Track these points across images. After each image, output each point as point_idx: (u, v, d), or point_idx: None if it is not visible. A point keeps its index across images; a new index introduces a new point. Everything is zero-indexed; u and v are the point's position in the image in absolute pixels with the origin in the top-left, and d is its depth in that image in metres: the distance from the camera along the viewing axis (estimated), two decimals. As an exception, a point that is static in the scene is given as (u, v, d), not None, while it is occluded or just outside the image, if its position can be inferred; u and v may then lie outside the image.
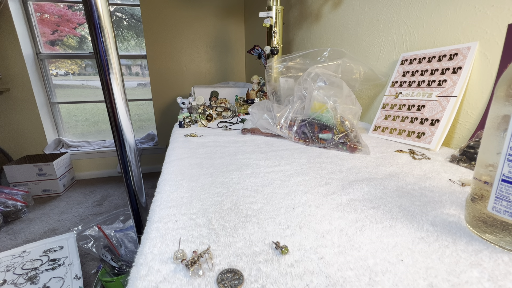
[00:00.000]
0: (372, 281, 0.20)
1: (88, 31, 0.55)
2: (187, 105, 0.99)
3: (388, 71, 0.73)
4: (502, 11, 0.47)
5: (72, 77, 2.19)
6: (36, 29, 1.95)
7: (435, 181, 0.39)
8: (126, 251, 0.95)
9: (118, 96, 0.60)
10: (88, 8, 0.53)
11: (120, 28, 2.19)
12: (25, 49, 1.86)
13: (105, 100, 0.60)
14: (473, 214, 0.26)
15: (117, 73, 0.59)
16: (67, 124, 2.24)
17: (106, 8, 0.54)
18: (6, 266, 1.06)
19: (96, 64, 0.57)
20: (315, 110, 0.58)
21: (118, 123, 0.62)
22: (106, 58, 0.56)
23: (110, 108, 0.61)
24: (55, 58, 2.07)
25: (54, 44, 2.06)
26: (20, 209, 1.55)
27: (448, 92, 0.54)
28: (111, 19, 0.56)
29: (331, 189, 0.36)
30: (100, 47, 0.55)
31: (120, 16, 2.19)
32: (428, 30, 0.62)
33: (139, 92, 2.37)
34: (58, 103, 2.14)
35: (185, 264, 0.22)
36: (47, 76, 2.05)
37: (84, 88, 2.24)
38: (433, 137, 0.53)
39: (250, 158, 0.50)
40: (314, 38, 1.10)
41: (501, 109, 0.23)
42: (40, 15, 1.97)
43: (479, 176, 0.26)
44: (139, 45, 2.24)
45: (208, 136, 0.69)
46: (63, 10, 2.03)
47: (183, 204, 0.32)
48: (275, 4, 0.98)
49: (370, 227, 0.27)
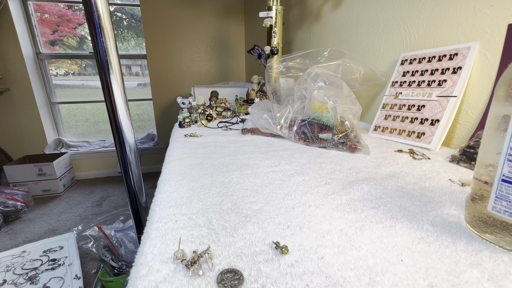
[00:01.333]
0: (372, 281, 0.20)
1: (88, 31, 0.55)
2: (187, 105, 0.99)
3: (388, 71, 0.73)
4: (502, 11, 0.47)
5: (72, 77, 2.19)
6: (36, 29, 1.95)
7: (435, 181, 0.39)
8: (126, 251, 0.95)
9: (118, 96, 0.60)
10: (88, 8, 0.52)
11: (120, 28, 2.19)
12: (25, 49, 1.86)
13: (105, 100, 0.60)
14: (473, 214, 0.26)
15: (117, 73, 0.59)
16: (67, 124, 2.24)
17: (106, 8, 0.54)
18: (6, 266, 1.06)
19: (96, 64, 0.57)
20: (315, 110, 0.58)
21: (118, 123, 0.62)
22: (106, 58, 0.56)
23: (110, 108, 0.61)
24: (55, 58, 2.07)
25: (54, 44, 2.06)
26: (20, 209, 1.55)
27: (448, 92, 0.54)
28: (111, 19, 0.56)
29: (331, 189, 0.36)
30: (100, 47, 0.55)
31: (120, 16, 2.19)
32: (428, 30, 0.62)
33: (139, 92, 2.37)
34: (58, 103, 2.14)
35: (185, 264, 0.22)
36: (47, 76, 2.05)
37: (84, 88, 2.24)
38: (433, 137, 0.53)
39: (250, 158, 0.50)
40: (314, 38, 1.10)
41: (501, 109, 0.23)
42: (40, 15, 1.97)
43: (479, 176, 0.26)
44: (139, 45, 2.24)
45: (208, 136, 0.69)
46: (63, 10, 2.03)
47: (183, 204, 0.32)
48: (275, 4, 0.98)
49: (370, 227, 0.27)
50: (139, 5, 2.02)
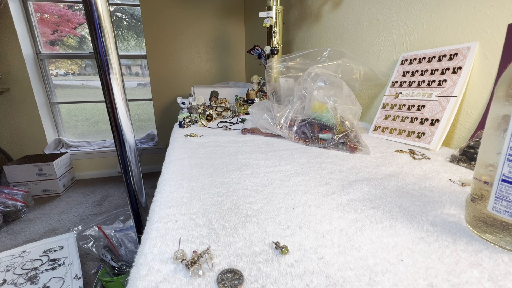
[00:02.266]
0: (372, 281, 0.20)
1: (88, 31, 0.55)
2: (187, 105, 0.99)
3: (388, 71, 0.73)
4: (502, 11, 0.47)
5: (72, 77, 2.19)
6: (36, 29, 1.95)
7: (435, 181, 0.39)
8: (126, 251, 0.95)
9: (118, 96, 0.60)
10: (88, 8, 0.52)
11: (120, 28, 2.19)
12: (25, 49, 1.86)
13: (105, 100, 0.60)
14: (473, 214, 0.26)
15: (117, 73, 0.59)
16: (67, 124, 2.24)
17: (106, 8, 0.54)
18: (6, 266, 1.06)
19: (96, 64, 0.57)
20: (315, 110, 0.58)
21: (118, 123, 0.62)
22: (106, 58, 0.56)
23: (110, 108, 0.61)
24: (55, 58, 2.07)
25: (54, 44, 2.06)
26: (20, 209, 1.55)
27: (448, 92, 0.54)
28: (111, 19, 0.56)
29: (331, 189, 0.36)
30: (100, 47, 0.55)
31: (120, 16, 2.19)
32: (428, 30, 0.62)
33: (139, 92, 2.37)
34: (58, 103, 2.14)
35: (185, 264, 0.22)
36: (47, 76, 2.05)
37: (84, 88, 2.24)
38: (433, 137, 0.53)
39: (250, 158, 0.50)
40: (314, 38, 1.10)
41: (501, 109, 0.23)
42: (40, 15, 1.97)
43: (479, 176, 0.26)
44: (139, 45, 2.24)
45: (208, 136, 0.69)
46: (63, 10, 2.03)
47: (183, 204, 0.32)
48: (275, 4, 0.98)
49: (370, 227, 0.27)
50: (139, 5, 2.02)
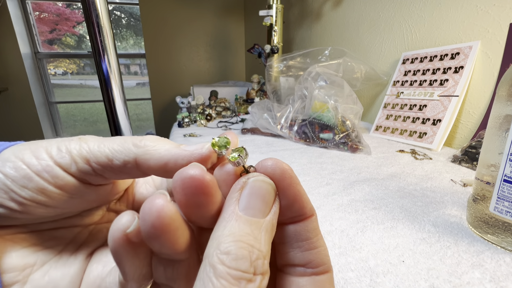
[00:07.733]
0: (373, 282, 0.20)
1: (87, 30, 0.55)
2: (186, 105, 0.99)
3: (390, 70, 0.73)
4: (504, 10, 0.47)
5: (70, 76, 2.18)
6: (35, 28, 1.94)
7: (437, 181, 0.39)
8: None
9: (116, 96, 0.60)
10: (86, 7, 0.52)
11: (119, 27, 2.18)
12: (23, 48, 1.85)
13: (103, 100, 0.60)
14: (475, 215, 0.26)
15: (115, 72, 0.58)
16: (65, 124, 2.23)
17: (104, 6, 0.54)
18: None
19: (95, 63, 0.57)
20: (316, 110, 0.58)
21: (116, 123, 0.62)
22: (105, 57, 0.56)
23: (108, 107, 0.60)
24: (54, 58, 2.07)
25: (53, 43, 2.05)
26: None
27: (450, 91, 0.54)
28: (109, 18, 0.55)
29: (332, 189, 0.36)
30: (99, 46, 0.55)
31: (118, 15, 2.18)
32: (429, 29, 0.61)
33: (137, 91, 2.36)
34: (56, 102, 2.13)
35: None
36: (45, 75, 2.04)
37: (82, 88, 2.23)
38: (434, 137, 0.53)
39: (250, 158, 0.50)
40: (315, 37, 1.09)
41: (503, 109, 0.23)
42: (38, 14, 1.96)
43: (481, 176, 0.25)
44: (138, 44, 2.23)
45: (208, 136, 0.68)
46: (62, 9, 2.02)
47: (183, 205, 0.32)
48: (275, 2, 0.98)
49: (371, 228, 0.27)
50: (138, 4, 2.01)
